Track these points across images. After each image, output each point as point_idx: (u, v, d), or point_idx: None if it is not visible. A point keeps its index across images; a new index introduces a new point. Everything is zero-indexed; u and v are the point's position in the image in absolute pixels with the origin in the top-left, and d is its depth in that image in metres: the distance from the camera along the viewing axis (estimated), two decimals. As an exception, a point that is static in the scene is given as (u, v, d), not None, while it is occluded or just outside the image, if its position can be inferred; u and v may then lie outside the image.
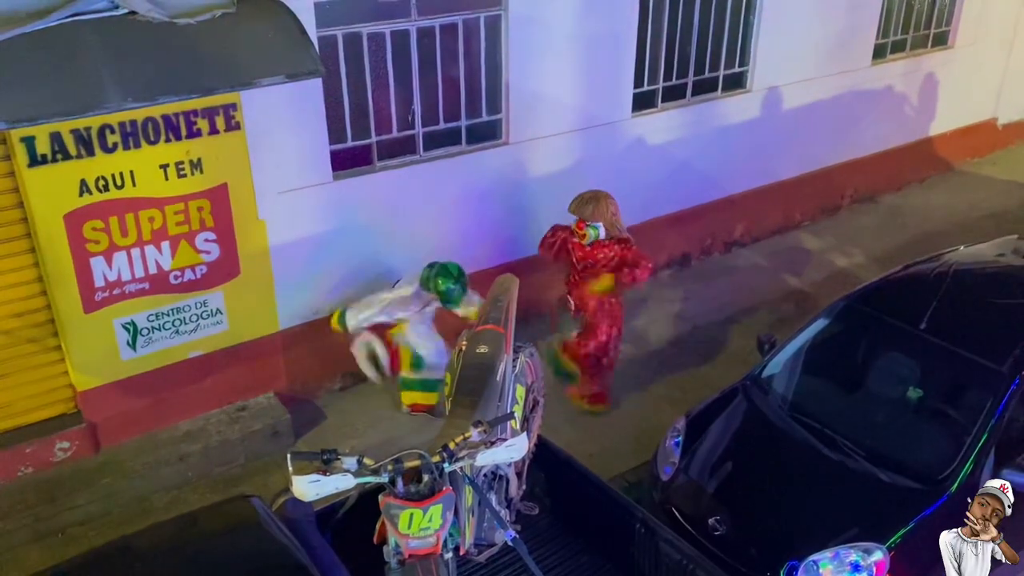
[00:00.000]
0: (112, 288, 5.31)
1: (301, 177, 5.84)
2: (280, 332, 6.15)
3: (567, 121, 6.92)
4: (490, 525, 3.73)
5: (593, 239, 5.89)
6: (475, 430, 3.34)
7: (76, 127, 4.84)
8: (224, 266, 5.68)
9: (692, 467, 4.99)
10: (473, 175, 6.57)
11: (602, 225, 5.86)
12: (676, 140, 7.65)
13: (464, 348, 4.09)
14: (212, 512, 4.02)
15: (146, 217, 5.26)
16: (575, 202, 5.91)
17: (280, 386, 6.27)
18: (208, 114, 5.23)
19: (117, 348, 5.48)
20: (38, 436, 5.50)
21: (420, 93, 6.21)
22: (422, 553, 3.21)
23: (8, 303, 5.17)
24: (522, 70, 6.48)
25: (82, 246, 5.12)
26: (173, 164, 5.24)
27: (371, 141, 6.18)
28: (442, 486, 3.23)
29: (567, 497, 4.46)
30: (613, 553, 4.21)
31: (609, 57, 6.97)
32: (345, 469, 3.19)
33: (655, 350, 7.11)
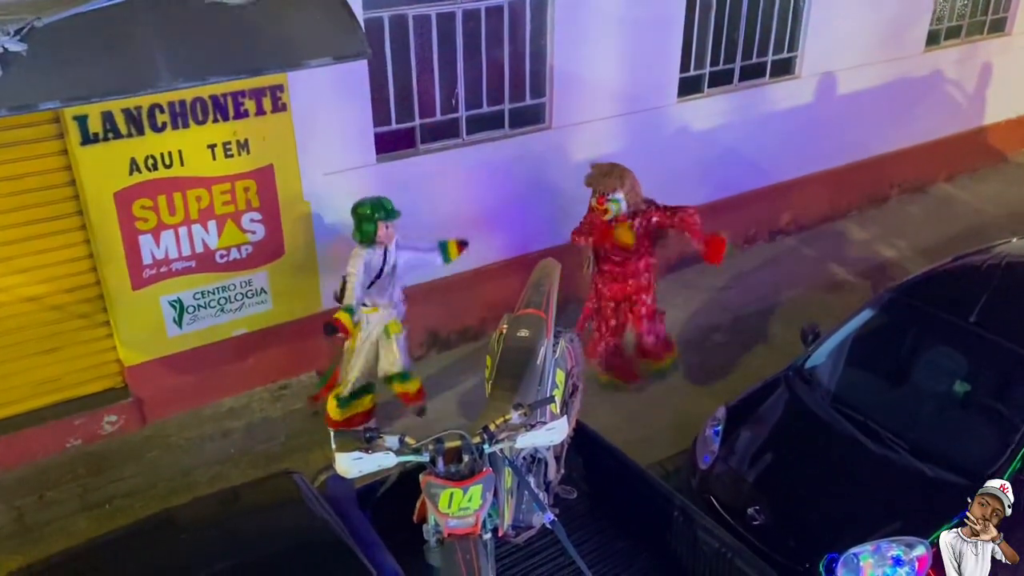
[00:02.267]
0: (159, 266, 5.41)
1: (345, 159, 5.88)
2: (322, 311, 6.21)
3: (611, 106, 6.87)
4: (528, 508, 3.75)
5: (616, 213, 5.80)
6: (515, 413, 3.35)
7: (127, 106, 4.92)
8: (269, 246, 5.76)
9: (731, 456, 4.96)
10: (515, 159, 6.56)
11: (623, 197, 5.74)
12: (722, 126, 7.56)
13: (504, 331, 4.10)
14: (255, 487, 4.09)
15: (193, 196, 5.34)
16: (594, 175, 5.81)
17: (322, 366, 6.34)
18: (255, 95, 5.29)
19: (164, 325, 5.58)
20: (87, 409, 5.63)
21: (464, 76, 6.20)
22: (461, 533, 3.23)
23: (60, 279, 5.30)
24: (567, 54, 6.44)
25: (131, 224, 5.22)
26: (220, 144, 5.31)
27: (415, 124, 6.20)
28: (482, 467, 3.25)
29: (604, 482, 4.46)
30: (650, 539, 4.21)
31: (656, 41, 6.89)
32: (387, 447, 3.22)
33: (695, 338, 7.06)
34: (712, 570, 3.93)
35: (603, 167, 5.83)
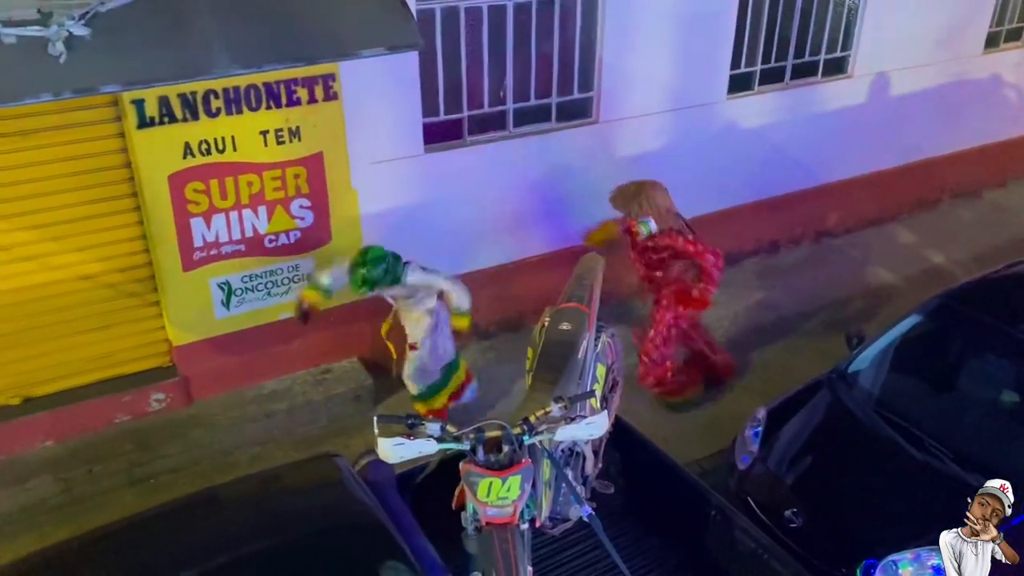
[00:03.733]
0: (210, 248, 5.52)
1: (394, 148, 5.93)
2: (366, 299, 6.27)
3: (660, 101, 6.83)
4: (565, 500, 3.77)
5: (647, 234, 5.63)
6: (556, 405, 3.37)
7: (183, 91, 5.02)
8: (316, 232, 5.84)
9: (771, 458, 4.94)
10: (562, 152, 6.56)
11: (652, 219, 5.56)
12: (771, 124, 7.48)
13: (546, 324, 4.12)
14: (296, 468, 4.16)
15: (245, 181, 5.44)
16: (618, 198, 5.66)
17: (363, 352, 6.41)
18: (308, 83, 5.36)
19: (212, 306, 5.70)
20: (135, 386, 5.76)
21: (513, 69, 6.22)
22: (499, 522, 3.26)
23: (113, 258, 5.42)
24: (617, 48, 6.41)
25: (183, 207, 5.33)
26: (272, 131, 5.39)
27: (462, 115, 6.23)
28: (521, 458, 3.28)
29: (641, 478, 4.46)
30: (685, 537, 4.20)
31: (707, 37, 6.84)
32: (428, 435, 3.26)
33: (736, 338, 7.00)
34: (747, 570, 3.92)
35: (628, 189, 5.65)
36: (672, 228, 5.67)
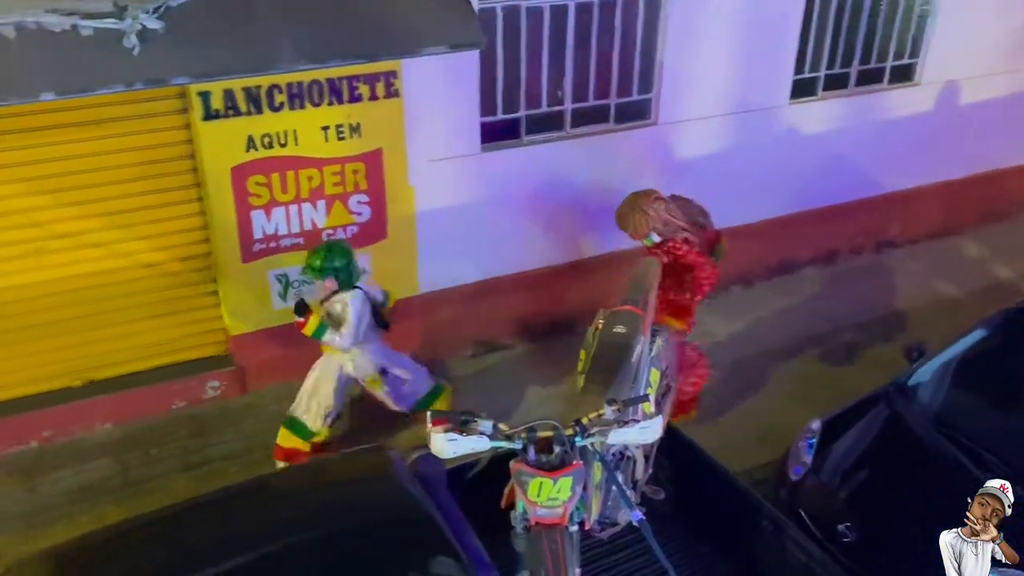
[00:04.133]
0: (269, 241, 5.61)
1: (451, 147, 5.96)
2: (419, 296, 6.32)
3: (720, 104, 6.75)
4: (614, 504, 3.75)
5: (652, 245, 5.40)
6: (609, 408, 3.35)
7: (247, 85, 5.11)
8: (373, 228, 5.90)
9: (824, 470, 4.85)
10: (619, 154, 6.51)
11: (654, 233, 5.32)
12: (834, 131, 7.33)
13: (600, 326, 4.10)
14: (348, 459, 4.21)
15: (305, 176, 5.51)
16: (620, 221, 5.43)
17: (414, 348, 6.44)
18: (369, 80, 5.41)
19: (269, 298, 5.79)
20: (192, 374, 5.89)
21: (572, 69, 6.20)
22: (548, 522, 3.26)
23: (175, 247, 5.55)
24: (678, 50, 6.35)
25: (245, 199, 5.42)
26: (334, 127, 5.45)
27: (520, 115, 6.23)
28: (572, 459, 3.27)
29: (691, 485, 4.41)
30: (735, 546, 4.15)
31: (771, 40, 6.74)
32: (480, 432, 3.26)
33: (790, 347, 6.89)
34: (798, 583, 3.86)
35: (622, 209, 5.39)
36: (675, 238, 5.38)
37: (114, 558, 3.48)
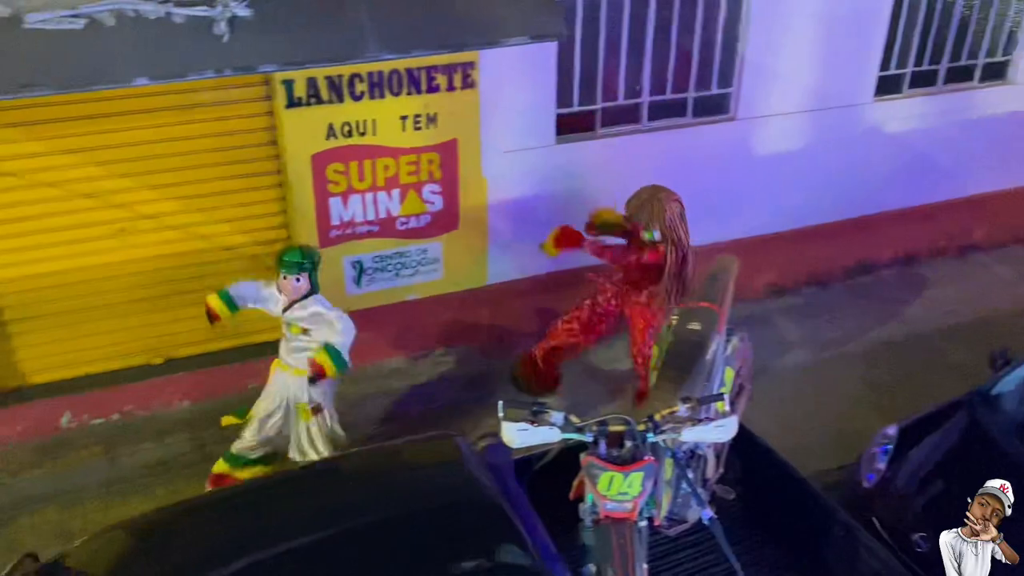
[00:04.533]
0: (345, 228, 5.71)
1: (526, 138, 5.97)
2: (487, 287, 6.36)
3: (802, 100, 6.63)
4: (684, 502, 3.72)
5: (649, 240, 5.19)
6: (683, 405, 3.32)
7: (330, 74, 5.20)
8: (445, 218, 5.95)
9: (899, 478, 4.71)
10: (695, 148, 6.45)
11: (659, 230, 5.16)
12: (919, 130, 7.13)
13: (675, 322, 4.06)
14: (417, 445, 4.23)
15: (382, 165, 5.59)
16: (632, 203, 5.21)
17: (482, 338, 6.49)
18: (447, 70, 5.45)
19: (344, 283, 5.89)
20: (266, 355, 5.99)
21: (651, 61, 6.14)
22: (617, 517, 3.24)
23: (254, 232, 5.68)
24: (761, 43, 6.25)
25: (324, 186, 5.52)
26: (411, 116, 5.52)
27: (596, 107, 6.21)
28: (644, 454, 3.24)
29: (762, 487, 4.34)
30: (804, 550, 4.07)
31: (856, 36, 6.57)
32: (552, 423, 3.26)
33: (867, 352, 6.72)
34: (870, 592, 3.77)
35: (642, 195, 5.15)
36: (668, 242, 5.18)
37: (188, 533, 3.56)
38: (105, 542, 3.59)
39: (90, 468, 5.47)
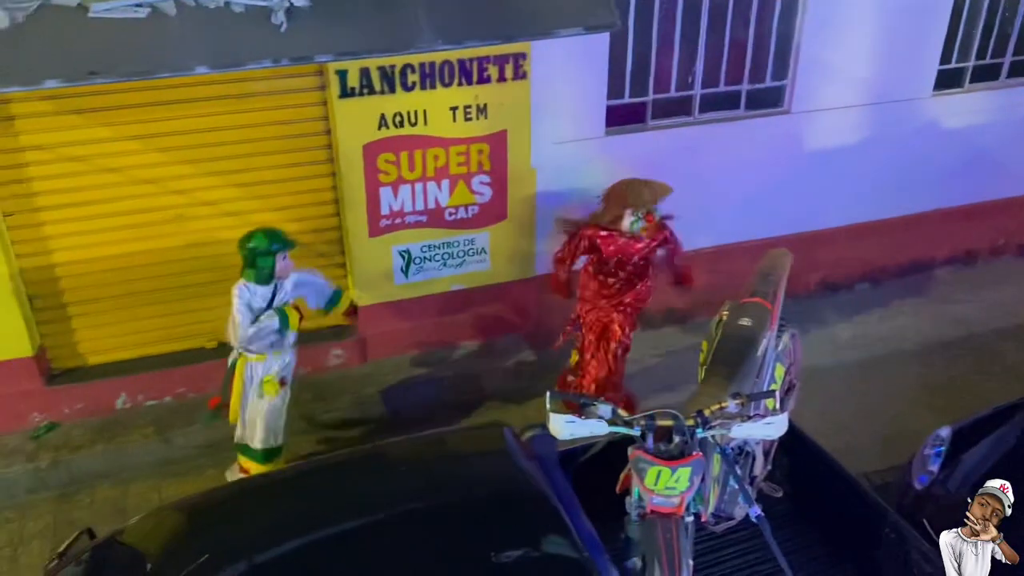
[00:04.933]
0: (395, 217, 5.75)
1: (576, 130, 5.94)
2: (535, 278, 6.36)
3: (858, 94, 6.49)
4: (731, 499, 3.69)
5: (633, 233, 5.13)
6: (733, 401, 3.29)
7: (383, 64, 5.23)
8: (494, 209, 5.96)
9: (952, 481, 4.61)
10: (748, 142, 6.36)
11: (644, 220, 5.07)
12: (980, 125, 6.94)
13: (725, 318, 4.03)
14: (465, 433, 4.28)
15: (432, 155, 5.61)
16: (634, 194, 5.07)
17: (528, 329, 6.50)
18: (499, 62, 5.45)
19: (392, 272, 5.94)
20: (317, 341, 6.09)
21: (704, 53, 6.07)
22: (664, 511, 3.24)
23: (308, 219, 5.74)
24: (817, 35, 6.13)
25: (375, 176, 5.57)
26: (462, 107, 5.52)
27: (647, 99, 6.16)
28: (692, 450, 3.23)
29: (810, 486, 4.30)
30: (853, 551, 4.02)
31: (916, 28, 6.41)
32: (599, 416, 3.26)
33: (921, 352, 6.59)
34: (919, 595, 3.71)
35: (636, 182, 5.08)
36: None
37: (239, 514, 3.64)
38: (160, 521, 3.70)
39: (144, 448, 5.62)
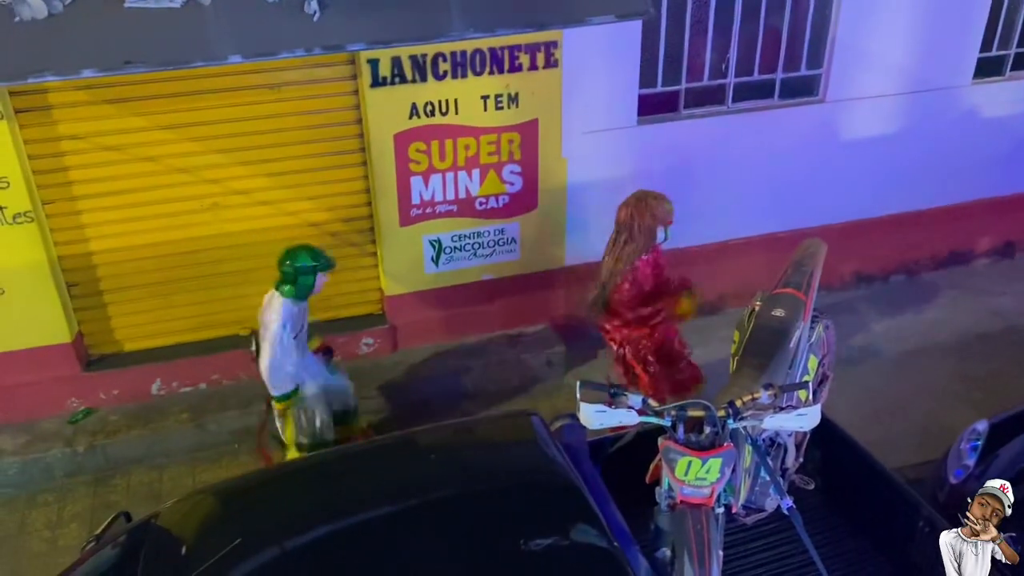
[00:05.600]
0: (425, 207, 5.76)
1: (607, 119, 5.91)
2: (564, 268, 6.35)
3: (895, 82, 6.37)
4: (762, 490, 3.66)
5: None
6: (765, 392, 3.26)
7: (414, 53, 5.23)
8: (524, 198, 5.95)
9: (988, 475, 4.52)
10: (782, 131, 6.28)
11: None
12: (1021, 114, 6.80)
13: (757, 308, 3.99)
14: (495, 422, 4.28)
15: (463, 144, 5.61)
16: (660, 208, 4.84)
17: (558, 319, 6.49)
18: (530, 50, 5.43)
19: (422, 262, 5.96)
20: (349, 330, 6.14)
21: (738, 41, 6.00)
22: (694, 502, 3.22)
23: (340, 208, 5.79)
24: (853, 23, 6.03)
25: (406, 165, 5.58)
26: (493, 96, 5.51)
27: (680, 88, 6.10)
28: (723, 440, 3.21)
29: (843, 479, 4.25)
30: (886, 544, 3.97)
31: (956, 15, 6.28)
32: (629, 405, 3.25)
33: (957, 344, 6.49)
34: (955, 591, 3.65)
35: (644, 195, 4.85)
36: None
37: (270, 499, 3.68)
38: (194, 504, 3.75)
39: (179, 433, 5.70)
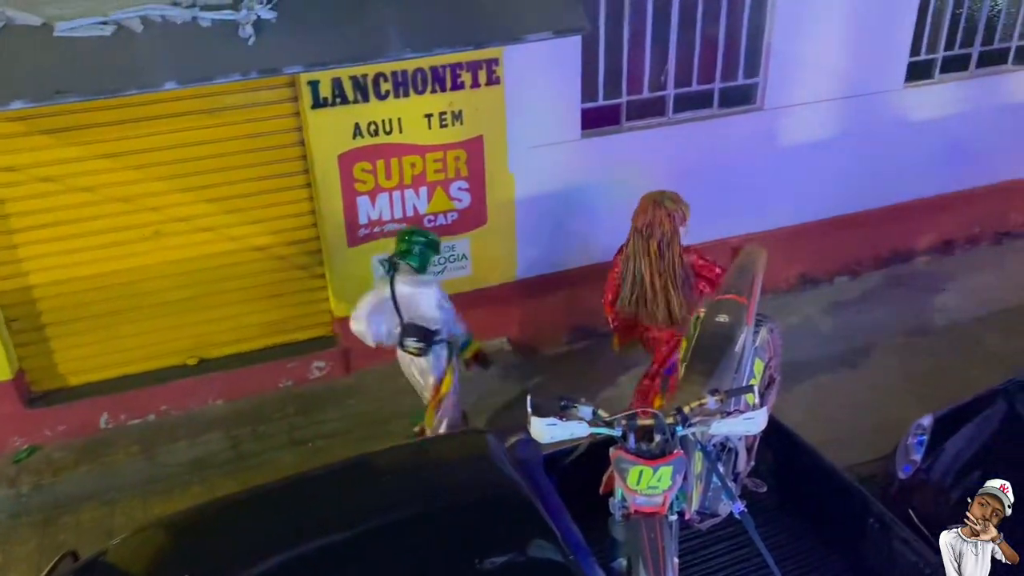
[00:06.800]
0: (373, 226, 5.74)
1: (552, 133, 5.96)
2: (517, 281, 6.37)
3: (830, 88, 6.54)
4: (715, 495, 3.68)
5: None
6: (711, 398, 3.29)
7: (355, 74, 5.23)
8: (473, 214, 5.96)
9: (935, 469, 4.64)
10: (722, 140, 6.39)
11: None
12: (952, 116, 7.00)
13: (703, 315, 4.03)
14: (448, 441, 4.26)
15: (408, 163, 5.61)
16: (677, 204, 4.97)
17: (512, 333, 6.50)
18: (472, 68, 5.46)
19: (372, 282, 5.90)
20: (299, 354, 6.09)
21: (676, 53, 6.10)
22: (647, 511, 3.22)
23: (284, 232, 5.75)
24: (787, 31, 6.17)
25: (351, 185, 5.56)
26: (437, 114, 5.53)
27: (621, 101, 6.18)
28: (673, 448, 3.22)
29: (795, 480, 4.30)
30: (838, 543, 4.03)
31: (885, 21, 6.47)
32: (580, 417, 3.25)
33: (903, 342, 6.63)
34: (907, 584, 3.72)
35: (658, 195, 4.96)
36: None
37: (223, 529, 3.62)
38: (143, 539, 3.66)
39: (129, 467, 5.58)
